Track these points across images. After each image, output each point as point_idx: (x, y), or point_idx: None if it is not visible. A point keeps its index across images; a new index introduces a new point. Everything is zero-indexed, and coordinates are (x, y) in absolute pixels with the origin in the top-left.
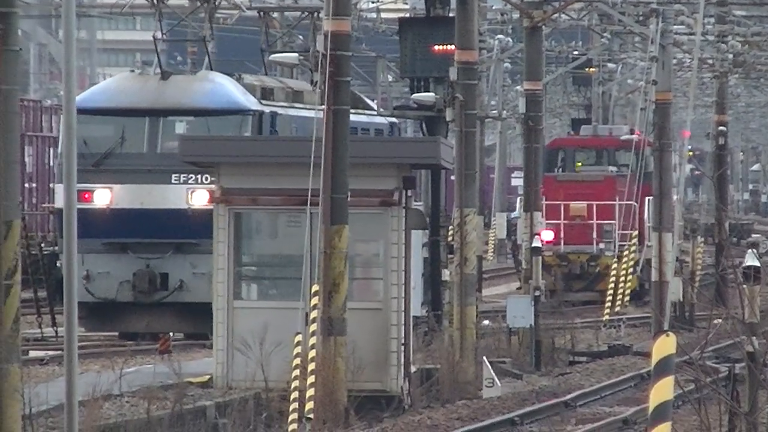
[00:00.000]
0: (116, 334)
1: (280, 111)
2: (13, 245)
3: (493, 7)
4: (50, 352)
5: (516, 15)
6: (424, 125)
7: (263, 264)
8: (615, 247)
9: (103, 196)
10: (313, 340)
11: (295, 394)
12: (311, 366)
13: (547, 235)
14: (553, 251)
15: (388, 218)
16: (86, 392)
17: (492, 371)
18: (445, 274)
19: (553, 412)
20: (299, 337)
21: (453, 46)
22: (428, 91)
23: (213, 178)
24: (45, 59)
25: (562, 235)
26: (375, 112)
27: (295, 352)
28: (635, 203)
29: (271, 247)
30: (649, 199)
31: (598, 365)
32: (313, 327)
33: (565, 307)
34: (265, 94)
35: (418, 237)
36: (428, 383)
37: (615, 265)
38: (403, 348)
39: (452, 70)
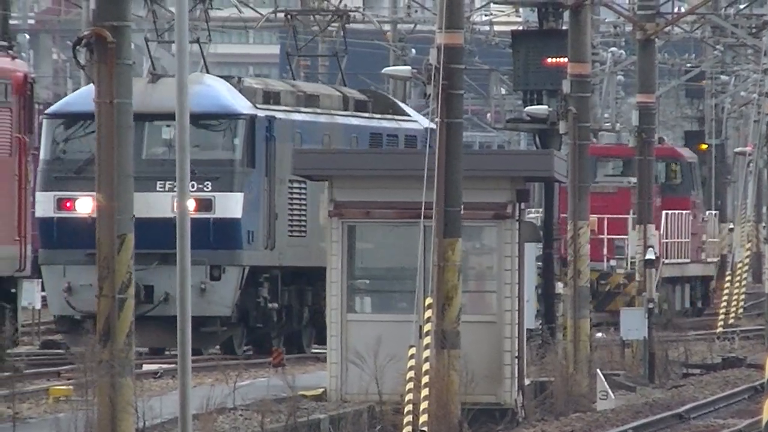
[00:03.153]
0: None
1: (280, 115)
2: (127, 259)
3: (606, 20)
4: (164, 366)
5: (629, 28)
6: (537, 138)
7: (376, 277)
8: (628, 263)
9: (84, 205)
10: (426, 353)
11: (409, 407)
12: (425, 379)
13: None
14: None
15: (502, 231)
16: (200, 405)
17: (606, 384)
18: (559, 287)
19: (666, 424)
20: (413, 350)
21: (566, 59)
22: (541, 104)
23: (199, 186)
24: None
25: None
26: (408, 117)
27: (408, 365)
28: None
29: (384, 260)
30: (668, 214)
31: (711, 377)
32: (427, 340)
33: None
34: (268, 97)
35: (532, 250)
36: (542, 396)
37: (633, 283)
38: (516, 361)
39: (565, 82)
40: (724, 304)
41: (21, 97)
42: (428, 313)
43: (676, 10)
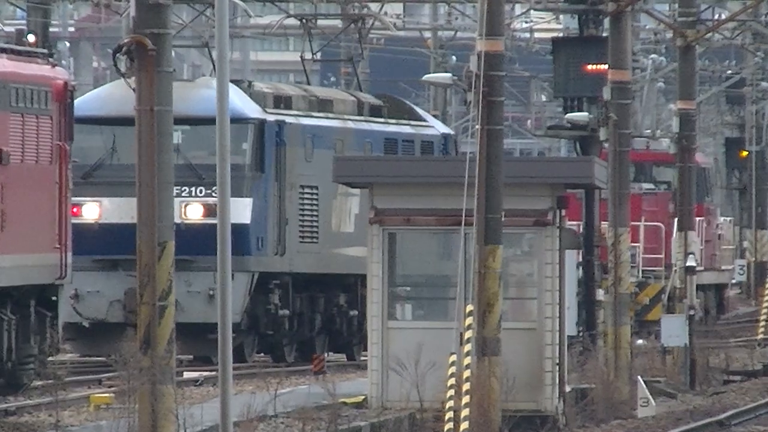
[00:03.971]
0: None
1: (290, 120)
2: (167, 266)
3: (646, 27)
4: (205, 373)
5: (669, 34)
6: (577, 145)
7: (417, 284)
8: (639, 272)
9: (91, 210)
10: (467, 360)
11: (449, 414)
12: (466, 386)
13: None
14: None
15: (542, 238)
16: (241, 413)
17: (646, 390)
18: (599, 294)
19: (707, 431)
20: (454, 357)
21: (606, 66)
22: (582, 111)
23: (207, 191)
24: None
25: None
26: (425, 123)
27: (449, 372)
28: (662, 225)
29: (424, 267)
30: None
31: (753, 384)
32: (468, 347)
33: None
34: (279, 102)
35: (572, 256)
36: (583, 403)
37: (644, 291)
38: (557, 368)
39: (606, 89)
40: (765, 310)
41: (61, 104)
42: (469, 320)
43: (716, 16)
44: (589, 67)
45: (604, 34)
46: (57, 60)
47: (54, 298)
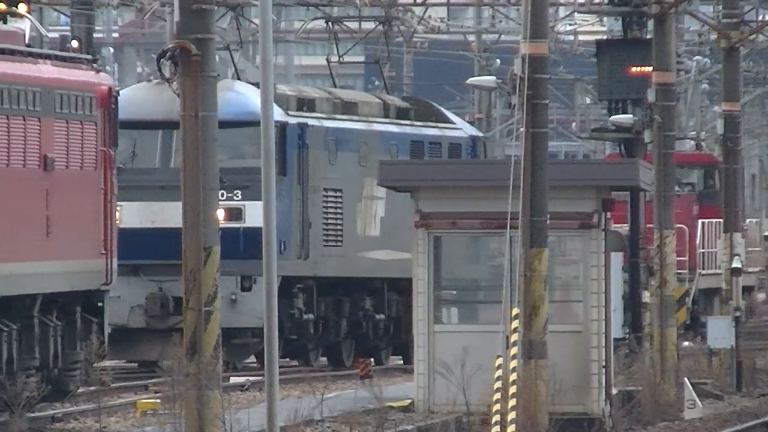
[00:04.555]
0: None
1: (312, 122)
2: (213, 271)
3: (690, 29)
4: (251, 378)
5: (713, 36)
6: (622, 147)
7: (463, 288)
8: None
9: None
10: (513, 363)
11: (496, 418)
12: (512, 389)
13: None
14: None
15: (588, 241)
16: (287, 418)
17: (693, 392)
18: (645, 296)
19: None
20: (500, 361)
21: (650, 68)
22: (626, 113)
23: (229, 195)
24: None
25: None
26: (452, 125)
27: (496, 376)
28: (685, 227)
29: (470, 270)
30: (704, 223)
31: None
32: (514, 350)
33: None
34: (301, 104)
35: (618, 259)
36: (629, 405)
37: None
38: (604, 370)
39: (650, 91)
40: None
41: (106, 110)
42: (515, 324)
43: (760, 18)
44: (634, 69)
45: (648, 36)
46: (101, 66)
47: (100, 304)
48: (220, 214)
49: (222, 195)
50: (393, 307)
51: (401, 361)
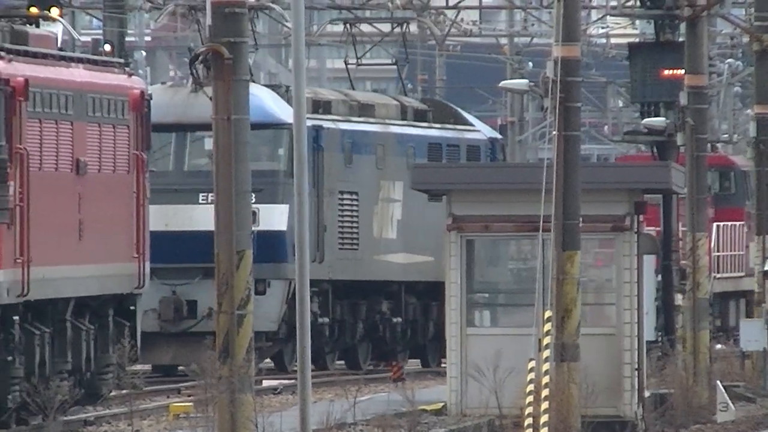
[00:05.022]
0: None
1: (327, 125)
2: (245, 275)
3: (723, 32)
4: (284, 381)
5: (745, 39)
6: (655, 150)
7: (495, 291)
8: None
9: None
10: (546, 366)
11: (528, 421)
12: (545, 392)
13: None
14: None
15: (620, 243)
16: (320, 421)
17: (726, 395)
18: (678, 299)
19: None
20: (532, 363)
21: (683, 71)
22: (659, 116)
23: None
24: None
25: None
26: (471, 127)
27: (528, 378)
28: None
29: (503, 273)
30: (719, 226)
31: None
32: (547, 353)
33: None
34: (317, 106)
35: (650, 262)
36: (662, 408)
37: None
38: (636, 373)
39: (682, 94)
40: None
41: (138, 114)
42: (547, 326)
43: None
44: (666, 72)
45: (681, 39)
46: (133, 69)
47: (132, 307)
48: None
49: None
50: (410, 311)
51: (419, 365)
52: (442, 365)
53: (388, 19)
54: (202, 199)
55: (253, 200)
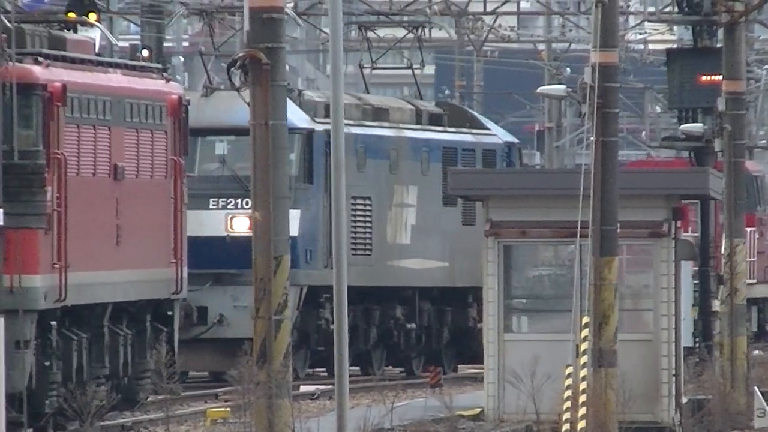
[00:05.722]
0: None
1: None
2: (283, 280)
3: (761, 38)
4: (321, 387)
5: None
6: (692, 156)
7: (533, 296)
8: None
9: None
10: (583, 372)
11: (566, 427)
12: (582, 398)
13: None
14: None
15: (658, 249)
16: (357, 426)
17: (763, 401)
18: (715, 305)
19: None
20: (570, 369)
21: (720, 77)
22: (696, 122)
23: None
24: None
25: None
26: (487, 131)
27: (566, 384)
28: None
29: (540, 279)
30: None
31: None
32: (584, 359)
33: None
34: (330, 111)
35: (688, 268)
36: (699, 414)
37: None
38: (674, 379)
39: (720, 100)
40: None
41: (176, 119)
42: (585, 332)
43: None
44: (704, 78)
45: (719, 45)
46: (171, 74)
47: (169, 312)
48: (245, 223)
49: (247, 203)
50: (425, 317)
51: None
52: (459, 371)
53: (404, 23)
54: (213, 205)
55: None
